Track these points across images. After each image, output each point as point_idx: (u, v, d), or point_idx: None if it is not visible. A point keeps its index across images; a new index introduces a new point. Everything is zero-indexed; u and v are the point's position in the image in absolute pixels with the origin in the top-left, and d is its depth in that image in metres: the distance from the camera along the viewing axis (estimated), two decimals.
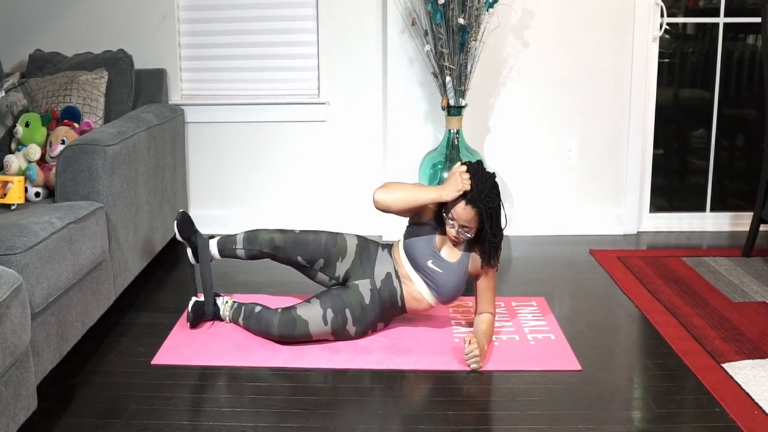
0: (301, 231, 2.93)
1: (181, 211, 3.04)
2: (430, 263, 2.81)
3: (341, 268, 2.88)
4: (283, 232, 2.92)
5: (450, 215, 2.74)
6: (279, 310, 2.85)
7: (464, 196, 2.69)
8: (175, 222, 3.00)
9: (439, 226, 2.84)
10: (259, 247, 2.92)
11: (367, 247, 2.92)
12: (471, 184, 2.68)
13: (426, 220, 2.85)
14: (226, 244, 2.97)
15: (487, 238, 2.74)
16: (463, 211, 2.71)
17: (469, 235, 2.77)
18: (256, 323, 2.88)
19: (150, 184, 3.39)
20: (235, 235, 2.98)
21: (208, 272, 2.98)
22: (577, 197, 4.24)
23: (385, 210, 2.77)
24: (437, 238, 2.84)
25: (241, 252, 2.95)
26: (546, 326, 3.02)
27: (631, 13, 4.04)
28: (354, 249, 2.90)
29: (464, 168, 2.73)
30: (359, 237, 2.95)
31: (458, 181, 2.69)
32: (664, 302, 3.23)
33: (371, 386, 2.56)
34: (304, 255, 2.89)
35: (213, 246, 2.99)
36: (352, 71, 4.11)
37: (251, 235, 2.94)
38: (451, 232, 2.77)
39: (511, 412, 2.40)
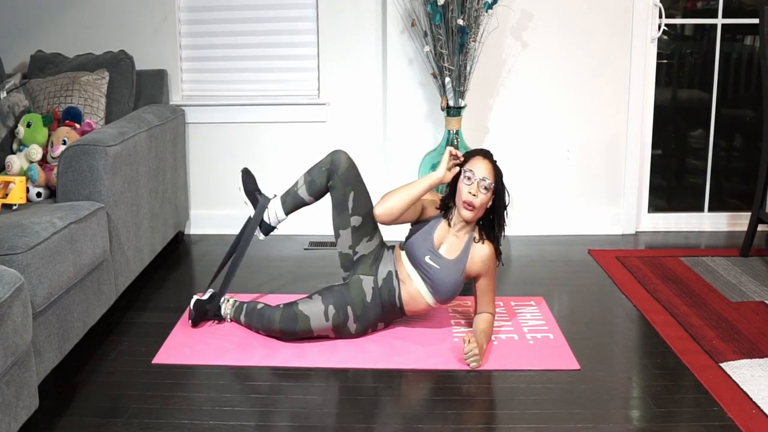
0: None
1: (243, 168, 3.08)
2: (427, 259, 2.82)
3: (361, 247, 2.90)
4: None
5: (468, 173, 2.78)
6: (281, 306, 2.87)
7: (478, 154, 2.83)
8: (241, 175, 3.04)
9: (442, 219, 2.87)
10: (320, 181, 2.92)
11: (382, 249, 2.96)
12: (462, 156, 2.84)
13: (426, 218, 2.89)
14: (288, 192, 2.99)
15: (499, 203, 2.82)
16: (481, 164, 2.79)
17: (488, 188, 2.77)
18: (257, 320, 2.89)
19: (151, 185, 3.40)
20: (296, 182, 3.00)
21: (243, 253, 3.02)
22: (575, 197, 4.25)
23: (391, 219, 2.80)
24: (436, 235, 2.85)
25: (302, 190, 2.95)
26: (545, 326, 3.03)
27: (630, 14, 4.05)
28: (378, 243, 2.95)
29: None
30: (382, 239, 3.00)
31: (447, 157, 2.81)
32: (662, 302, 3.24)
33: (371, 386, 2.58)
34: (355, 197, 2.89)
35: (276, 203, 3.00)
36: (352, 72, 4.12)
37: (308, 177, 2.96)
38: (470, 192, 2.76)
39: (510, 411, 2.41)
